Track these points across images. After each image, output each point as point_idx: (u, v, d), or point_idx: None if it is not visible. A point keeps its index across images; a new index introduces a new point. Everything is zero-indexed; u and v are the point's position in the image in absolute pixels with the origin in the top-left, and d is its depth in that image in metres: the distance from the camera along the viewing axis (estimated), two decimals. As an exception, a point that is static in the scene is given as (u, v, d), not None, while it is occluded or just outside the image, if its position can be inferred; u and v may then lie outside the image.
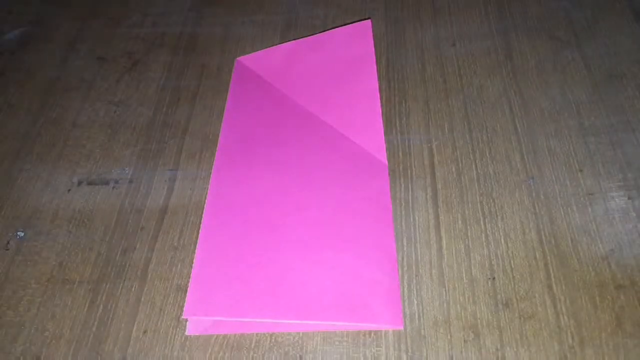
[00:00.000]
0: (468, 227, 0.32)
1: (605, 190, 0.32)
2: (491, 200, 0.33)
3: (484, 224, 0.32)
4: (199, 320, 0.29)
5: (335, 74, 0.39)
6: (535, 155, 0.34)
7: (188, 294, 0.29)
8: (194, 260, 0.31)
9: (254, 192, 0.33)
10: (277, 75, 0.40)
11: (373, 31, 0.42)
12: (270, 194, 0.33)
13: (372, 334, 0.28)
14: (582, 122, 0.36)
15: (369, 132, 0.36)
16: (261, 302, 0.29)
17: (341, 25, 0.41)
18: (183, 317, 0.29)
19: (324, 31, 0.41)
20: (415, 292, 0.29)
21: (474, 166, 0.34)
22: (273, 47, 0.41)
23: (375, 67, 0.38)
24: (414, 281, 0.30)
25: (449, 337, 0.28)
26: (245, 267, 0.30)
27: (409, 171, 0.34)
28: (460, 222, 0.32)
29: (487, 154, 0.35)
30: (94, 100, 0.41)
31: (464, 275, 0.30)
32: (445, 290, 0.29)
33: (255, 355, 0.28)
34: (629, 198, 0.32)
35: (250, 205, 0.32)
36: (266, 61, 0.40)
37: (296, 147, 0.35)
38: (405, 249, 0.31)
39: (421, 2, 0.45)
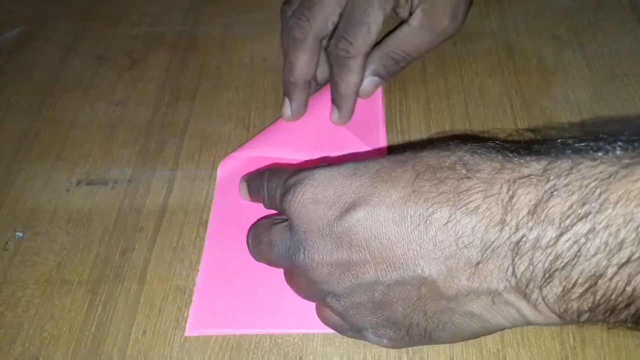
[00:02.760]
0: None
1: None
2: (492, 201, 0.32)
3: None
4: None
5: None
6: (537, 155, 0.34)
7: (191, 311, 0.29)
8: (197, 277, 0.31)
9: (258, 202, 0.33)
10: None
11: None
12: None
13: (373, 335, 0.28)
14: (584, 122, 0.36)
15: (371, 135, 0.36)
16: (264, 314, 0.29)
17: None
18: (186, 334, 0.29)
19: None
20: (415, 292, 0.29)
21: (474, 166, 0.34)
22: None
23: (381, 90, 0.38)
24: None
25: (449, 338, 0.28)
26: (248, 279, 0.30)
27: (409, 171, 0.34)
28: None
29: (488, 154, 0.35)
30: (93, 100, 0.40)
31: (464, 275, 0.30)
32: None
33: (254, 356, 0.28)
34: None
35: (253, 215, 0.32)
36: None
37: (299, 152, 0.35)
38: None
39: (421, 1, 0.45)
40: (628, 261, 0.17)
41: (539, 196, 0.19)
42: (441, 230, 0.20)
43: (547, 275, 0.19)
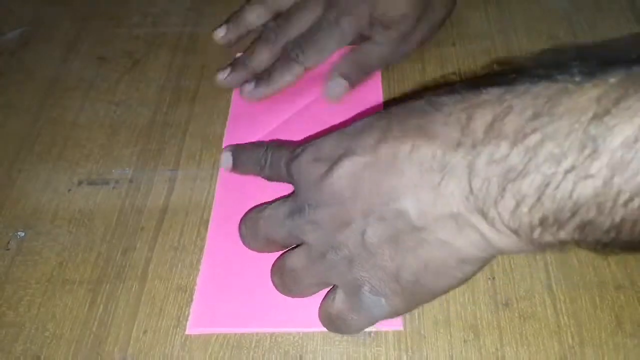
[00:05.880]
0: (468, 227, 0.31)
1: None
2: (491, 201, 0.33)
3: (484, 224, 0.32)
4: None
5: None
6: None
7: (192, 309, 0.30)
8: (198, 276, 0.31)
9: (259, 201, 0.33)
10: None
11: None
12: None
13: (372, 334, 0.28)
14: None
15: None
16: (264, 312, 0.29)
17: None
18: (187, 332, 0.29)
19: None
20: (415, 292, 0.29)
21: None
22: None
23: (380, 86, 0.39)
24: (414, 281, 0.30)
25: (448, 337, 0.28)
26: (249, 277, 0.30)
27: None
28: (460, 222, 0.32)
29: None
30: (94, 100, 0.41)
31: (464, 275, 0.30)
32: (445, 290, 0.28)
33: (255, 354, 0.28)
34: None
35: None
36: None
37: None
38: (405, 249, 0.31)
39: (421, 2, 0.45)
40: (572, 168, 0.18)
41: (494, 116, 0.20)
42: (406, 162, 0.22)
43: (500, 189, 0.20)
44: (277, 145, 0.31)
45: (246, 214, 0.30)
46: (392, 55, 0.39)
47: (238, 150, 0.34)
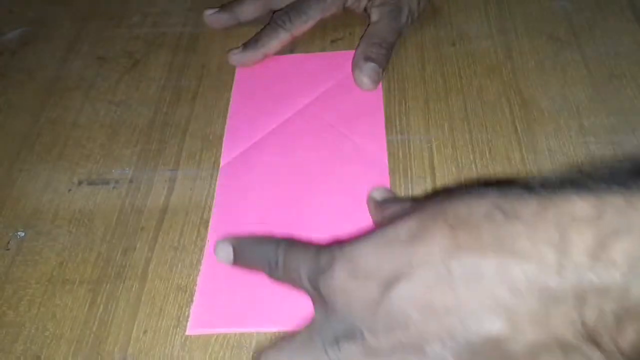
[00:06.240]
0: (468, 227, 0.31)
1: (605, 191, 0.32)
2: (491, 201, 0.32)
3: (484, 224, 0.32)
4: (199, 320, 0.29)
5: (340, 85, 0.39)
6: (535, 156, 0.34)
7: (192, 309, 0.30)
8: (198, 276, 0.31)
9: (259, 201, 0.33)
10: (280, 81, 0.40)
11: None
12: (273, 203, 0.33)
13: (372, 334, 0.28)
14: (582, 122, 0.36)
15: (371, 135, 0.36)
16: (265, 313, 0.29)
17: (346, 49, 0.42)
18: (187, 333, 0.29)
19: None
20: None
21: (473, 166, 0.34)
22: (278, 56, 0.42)
23: (380, 86, 0.39)
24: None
25: (448, 337, 0.28)
26: (249, 278, 0.30)
27: (408, 171, 0.35)
28: (460, 222, 0.32)
29: (487, 154, 0.35)
30: (94, 100, 0.41)
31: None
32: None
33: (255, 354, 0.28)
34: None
35: (255, 214, 0.32)
36: (270, 69, 0.41)
37: (299, 153, 0.36)
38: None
39: (421, 2, 0.45)
40: None
41: (598, 237, 0.18)
42: (493, 282, 0.19)
43: (618, 322, 0.17)
44: (291, 244, 0.27)
45: (262, 353, 0.25)
46: (397, 25, 0.41)
47: (241, 243, 0.29)
